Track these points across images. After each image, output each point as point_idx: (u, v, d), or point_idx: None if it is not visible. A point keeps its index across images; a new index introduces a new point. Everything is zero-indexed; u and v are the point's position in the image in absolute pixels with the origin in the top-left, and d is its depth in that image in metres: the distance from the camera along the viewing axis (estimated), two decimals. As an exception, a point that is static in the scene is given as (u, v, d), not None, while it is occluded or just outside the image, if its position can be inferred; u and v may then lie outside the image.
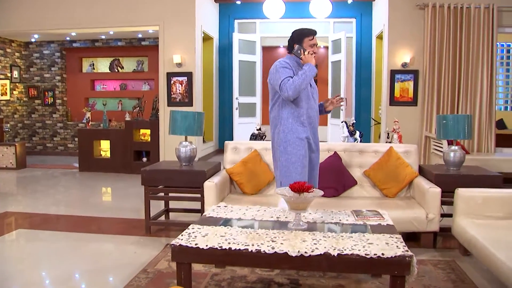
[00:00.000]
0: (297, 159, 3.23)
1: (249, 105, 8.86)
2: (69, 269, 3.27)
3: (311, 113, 3.30)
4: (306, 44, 3.26)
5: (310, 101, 3.29)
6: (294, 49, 3.29)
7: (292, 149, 3.24)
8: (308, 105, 3.28)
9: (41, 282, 3.11)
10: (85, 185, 6.68)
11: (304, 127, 3.26)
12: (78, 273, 3.23)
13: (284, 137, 3.27)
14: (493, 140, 6.44)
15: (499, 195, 3.39)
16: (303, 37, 3.28)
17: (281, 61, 3.30)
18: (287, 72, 3.20)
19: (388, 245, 2.32)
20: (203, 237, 2.48)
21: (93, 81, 10.14)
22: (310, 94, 3.30)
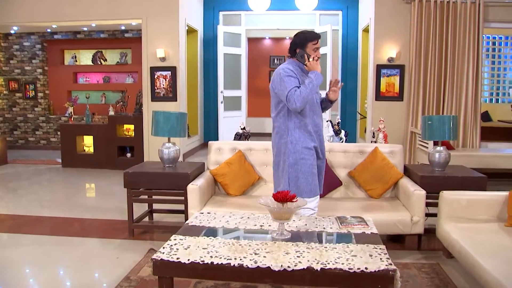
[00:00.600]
0: (307, 169, 3.12)
1: (234, 99, 8.76)
2: (50, 279, 3.19)
3: (317, 121, 3.19)
4: (309, 49, 3.10)
5: (315, 108, 3.18)
6: (296, 54, 3.13)
7: (301, 159, 3.12)
8: (314, 113, 3.16)
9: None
10: (68, 182, 6.56)
11: (311, 136, 3.14)
12: (59, 284, 3.15)
13: (292, 148, 3.12)
14: (478, 135, 6.48)
15: (483, 198, 3.41)
16: (306, 41, 3.11)
17: (284, 68, 3.11)
18: (292, 81, 3.03)
19: (372, 257, 2.29)
20: (185, 249, 2.42)
21: (76, 73, 9.93)
22: (315, 101, 3.17)
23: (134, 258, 3.51)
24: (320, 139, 3.22)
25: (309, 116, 3.13)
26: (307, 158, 3.12)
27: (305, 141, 3.13)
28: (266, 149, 4.31)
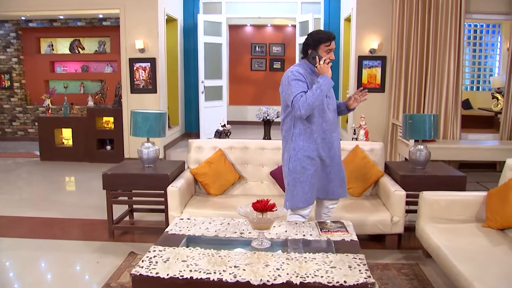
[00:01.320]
0: (305, 178, 3.01)
1: (215, 88, 8.65)
2: (26, 286, 3.14)
3: (326, 127, 3.02)
4: (321, 51, 2.93)
5: (325, 114, 3.00)
6: (308, 55, 2.99)
7: (301, 168, 3.01)
8: (323, 119, 3.00)
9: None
10: (47, 177, 6.43)
11: (316, 144, 3.01)
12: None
13: (294, 155, 3.03)
14: (459, 127, 6.54)
15: (462, 199, 3.44)
16: (319, 43, 2.93)
17: (293, 71, 2.96)
18: (299, 85, 2.89)
19: (351, 269, 2.30)
20: (164, 262, 2.39)
21: (53, 62, 9.67)
22: (326, 106, 3.00)
23: (114, 262, 3.47)
24: (329, 146, 3.04)
25: (316, 123, 2.98)
26: (307, 168, 3.01)
27: (308, 149, 3.01)
28: (246, 147, 4.27)
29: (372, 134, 6.52)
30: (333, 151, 3.08)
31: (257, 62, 11.24)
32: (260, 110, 4.53)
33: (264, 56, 11.22)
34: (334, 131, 3.07)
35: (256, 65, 11.25)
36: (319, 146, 3.02)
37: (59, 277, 3.27)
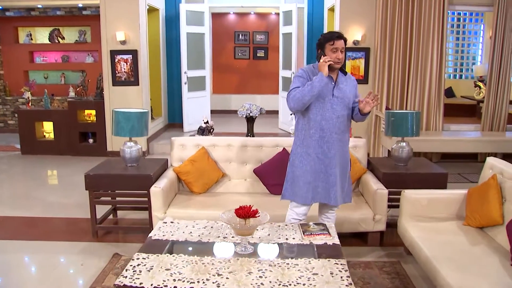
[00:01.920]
0: (302, 173, 3.06)
1: (199, 79, 8.58)
2: (8, 292, 3.12)
3: (325, 126, 3.00)
4: (328, 50, 2.92)
5: (325, 113, 2.99)
6: (317, 55, 3.01)
7: (299, 162, 3.07)
8: (322, 117, 2.99)
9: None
10: (28, 173, 6.33)
11: (313, 141, 3.02)
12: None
13: (294, 149, 3.12)
14: (441, 118, 6.60)
15: (443, 197, 3.50)
16: (324, 42, 2.93)
17: (300, 69, 3.09)
18: (298, 81, 2.98)
19: (332, 276, 2.33)
20: (148, 271, 2.39)
21: (32, 52, 9.44)
22: (329, 105, 2.98)
23: (98, 264, 3.45)
24: (328, 146, 3.02)
25: (313, 120, 3.01)
26: (304, 163, 3.06)
27: (307, 145, 3.05)
28: (229, 144, 4.26)
29: (355, 126, 6.56)
30: (333, 152, 3.03)
31: (240, 51, 11.14)
32: (243, 106, 4.49)
33: (247, 45, 11.13)
34: (336, 132, 3.02)
35: (240, 53, 11.15)
36: (316, 144, 3.03)
37: (43, 282, 3.23)
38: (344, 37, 2.97)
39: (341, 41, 2.93)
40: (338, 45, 2.91)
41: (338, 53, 2.91)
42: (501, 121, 6.61)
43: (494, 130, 6.61)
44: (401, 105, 6.61)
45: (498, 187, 3.14)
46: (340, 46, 2.92)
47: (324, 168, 3.05)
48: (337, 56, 2.91)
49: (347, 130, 3.12)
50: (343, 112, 3.02)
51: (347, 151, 3.15)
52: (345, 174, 3.14)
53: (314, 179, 3.07)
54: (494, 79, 6.55)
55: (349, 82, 3.08)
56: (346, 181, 3.15)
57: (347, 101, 3.03)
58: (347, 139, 3.14)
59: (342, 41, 2.93)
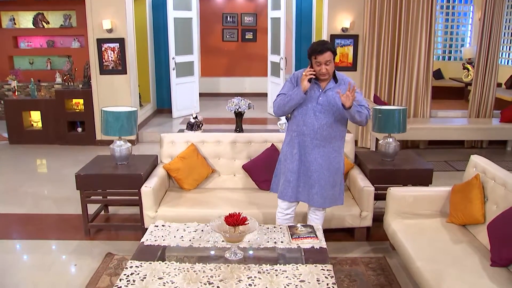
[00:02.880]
0: (285, 171, 3.23)
1: (187, 64, 8.52)
2: (3, 296, 3.17)
3: (306, 131, 3.10)
4: (313, 62, 2.99)
5: (307, 119, 3.09)
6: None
7: (284, 161, 3.26)
8: (304, 122, 3.10)
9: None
10: (17, 165, 6.30)
11: (296, 143, 3.17)
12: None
13: (283, 147, 3.32)
14: (429, 105, 6.68)
15: (428, 194, 3.60)
16: (310, 54, 3.00)
17: (294, 72, 3.23)
18: (287, 87, 3.15)
19: (319, 283, 2.41)
20: (141, 281, 2.45)
21: (16, 37, 9.26)
22: (311, 112, 3.06)
23: (92, 264, 3.51)
24: (308, 152, 3.12)
25: (297, 124, 3.14)
26: (288, 162, 3.22)
27: (291, 146, 3.20)
28: (218, 141, 4.30)
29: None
30: (313, 157, 3.12)
31: (228, 33, 11.03)
32: (231, 102, 4.51)
33: (235, 27, 11.02)
34: (318, 139, 3.08)
35: (228, 35, 11.05)
36: (298, 146, 3.16)
37: (38, 284, 3.28)
38: (331, 49, 2.95)
39: (324, 55, 2.92)
40: (320, 59, 2.94)
41: (321, 66, 2.94)
42: (488, 106, 6.69)
43: (481, 116, 6.71)
44: (389, 92, 6.66)
45: (480, 187, 3.23)
46: (323, 60, 2.93)
47: (305, 169, 3.17)
48: (321, 69, 2.95)
49: (334, 137, 3.13)
50: (328, 119, 3.07)
51: (335, 157, 3.17)
52: (331, 180, 3.17)
53: (295, 179, 3.20)
54: (482, 62, 6.60)
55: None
56: (333, 186, 3.20)
57: (334, 109, 3.05)
58: (334, 146, 3.15)
59: (325, 55, 2.92)
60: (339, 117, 3.10)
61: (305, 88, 2.96)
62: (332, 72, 3.03)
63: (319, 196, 3.18)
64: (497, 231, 2.82)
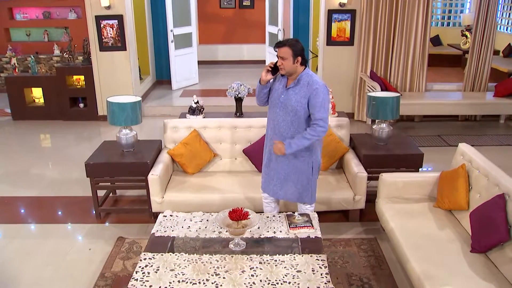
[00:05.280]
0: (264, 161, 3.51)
1: (185, 36, 8.54)
2: (26, 282, 3.43)
3: (272, 125, 3.29)
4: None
5: (273, 114, 3.25)
6: None
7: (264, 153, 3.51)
8: (271, 117, 3.29)
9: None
10: (23, 144, 6.44)
11: (267, 137, 3.40)
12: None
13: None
14: (425, 79, 6.79)
15: (417, 179, 3.83)
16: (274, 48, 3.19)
17: None
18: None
19: (314, 273, 2.69)
20: (155, 273, 2.72)
21: (11, 9, 9.18)
22: (276, 108, 3.22)
23: (105, 248, 3.78)
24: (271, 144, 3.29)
25: (268, 118, 3.37)
26: (264, 154, 3.47)
27: (266, 140, 3.44)
28: (219, 126, 4.48)
29: (341, 87, 6.78)
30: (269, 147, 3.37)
31: (226, 0, 10.91)
32: (231, 87, 4.64)
33: (233, -7, 10.89)
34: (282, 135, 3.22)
35: (225, 2, 10.94)
36: (268, 140, 3.40)
37: (57, 269, 3.52)
38: (289, 46, 3.03)
39: (280, 50, 3.05)
40: (278, 53, 3.09)
41: (279, 60, 3.09)
42: (483, 79, 6.79)
43: (476, 89, 6.84)
44: (385, 67, 6.76)
45: (466, 176, 3.46)
46: (279, 54, 3.07)
47: (269, 162, 3.40)
48: (279, 62, 3.10)
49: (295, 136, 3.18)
50: (287, 117, 3.18)
51: (296, 157, 3.25)
52: (293, 177, 3.32)
53: (265, 172, 3.46)
54: (480, 28, 6.62)
55: (301, 92, 3.12)
56: (295, 183, 3.34)
57: (289, 108, 3.16)
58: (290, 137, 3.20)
59: (281, 50, 3.05)
60: (297, 117, 3.17)
61: (262, 79, 3.17)
62: (288, 69, 3.10)
63: (278, 188, 3.39)
64: (478, 220, 3.08)
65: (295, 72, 3.13)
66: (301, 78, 3.14)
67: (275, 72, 3.18)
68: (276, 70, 3.17)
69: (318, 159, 3.37)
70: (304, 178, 3.34)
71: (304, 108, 3.14)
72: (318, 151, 3.36)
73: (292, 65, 3.09)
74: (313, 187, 3.41)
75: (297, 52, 3.06)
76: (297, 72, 3.14)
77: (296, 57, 3.07)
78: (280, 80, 3.24)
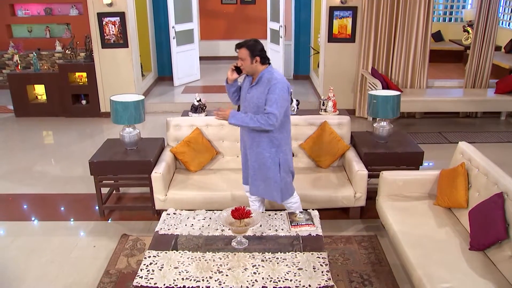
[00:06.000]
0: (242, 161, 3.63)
1: (186, 32, 8.56)
2: (33, 278, 3.49)
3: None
4: None
5: (243, 106, 3.42)
6: None
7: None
8: (243, 111, 3.41)
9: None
10: (25, 140, 6.47)
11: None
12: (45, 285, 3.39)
13: None
14: (426, 76, 6.81)
15: (417, 178, 3.88)
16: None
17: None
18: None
19: (315, 271, 2.74)
20: (159, 270, 2.78)
21: (13, 5, 9.19)
22: (245, 101, 3.38)
23: (109, 245, 3.84)
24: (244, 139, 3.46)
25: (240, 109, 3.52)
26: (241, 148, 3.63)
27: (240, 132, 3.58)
28: (221, 124, 4.51)
29: (342, 84, 6.81)
30: (243, 145, 3.49)
31: (228, -5, 10.92)
32: (233, 85, 4.67)
33: (234, -11, 10.89)
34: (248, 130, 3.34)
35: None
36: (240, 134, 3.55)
37: (63, 266, 3.58)
38: (246, 45, 3.17)
39: (239, 51, 3.20)
40: (238, 54, 3.22)
41: (239, 61, 3.23)
42: (484, 75, 6.80)
43: (477, 86, 6.85)
44: (387, 64, 6.78)
45: (465, 175, 3.50)
46: (239, 55, 3.21)
47: (244, 157, 3.53)
48: (239, 63, 3.25)
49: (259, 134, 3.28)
50: (250, 105, 3.30)
51: (261, 153, 3.32)
52: (260, 173, 3.38)
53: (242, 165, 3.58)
54: (481, 24, 6.63)
55: (261, 89, 3.22)
56: (263, 180, 3.39)
57: (252, 105, 3.28)
58: (259, 143, 3.31)
59: (239, 51, 3.19)
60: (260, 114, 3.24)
61: (228, 77, 3.36)
62: (247, 69, 3.23)
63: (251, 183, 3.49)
64: (477, 218, 3.12)
65: (255, 71, 3.25)
66: (262, 76, 3.24)
67: (240, 71, 3.32)
68: (240, 70, 3.31)
69: (287, 157, 3.41)
70: (271, 175, 3.37)
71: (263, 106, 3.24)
72: (286, 149, 3.40)
73: (251, 65, 3.21)
74: (283, 185, 3.42)
75: (254, 52, 3.18)
76: (257, 71, 3.24)
77: (254, 57, 3.18)
78: (247, 79, 3.39)
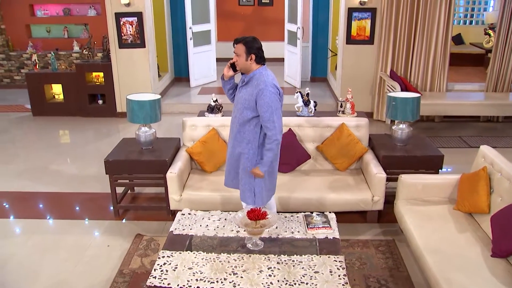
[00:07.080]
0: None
1: (204, 33, 8.56)
2: (47, 277, 3.48)
3: (232, 120, 3.33)
4: None
5: (234, 108, 3.31)
6: None
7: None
8: (232, 111, 3.35)
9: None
10: (42, 139, 6.53)
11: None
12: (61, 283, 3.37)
13: None
14: (446, 79, 6.68)
15: (436, 182, 3.78)
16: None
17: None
18: None
19: (331, 274, 2.68)
20: (173, 271, 2.74)
21: (32, 6, 9.32)
22: (236, 102, 3.29)
23: (123, 245, 3.82)
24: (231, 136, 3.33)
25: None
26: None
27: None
28: (239, 125, 4.47)
29: (360, 86, 6.73)
30: (230, 143, 3.37)
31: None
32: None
33: (252, -9, 10.87)
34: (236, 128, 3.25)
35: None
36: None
37: (77, 265, 3.58)
38: (244, 41, 3.09)
39: (236, 46, 3.12)
40: (234, 49, 3.14)
41: (234, 56, 3.15)
42: (506, 80, 6.64)
43: (499, 90, 6.69)
44: (406, 66, 6.68)
45: (487, 179, 3.40)
46: (235, 50, 3.13)
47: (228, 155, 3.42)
48: (234, 59, 3.17)
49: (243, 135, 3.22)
50: (237, 113, 3.23)
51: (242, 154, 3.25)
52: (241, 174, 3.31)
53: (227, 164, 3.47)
54: (504, 28, 6.47)
55: (249, 90, 3.14)
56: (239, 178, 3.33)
57: (239, 106, 3.20)
58: (241, 144, 3.24)
59: (236, 46, 3.11)
60: (246, 115, 3.16)
61: (224, 74, 3.26)
62: (241, 66, 3.14)
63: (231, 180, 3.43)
64: (500, 224, 3.02)
65: (249, 69, 3.16)
66: (253, 76, 3.16)
67: (236, 68, 3.24)
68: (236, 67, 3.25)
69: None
70: (247, 178, 3.28)
71: (251, 107, 3.12)
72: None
73: (245, 62, 3.12)
74: (257, 189, 3.28)
75: (251, 50, 3.10)
76: (251, 69, 3.16)
77: (250, 54, 3.10)
78: (242, 78, 3.30)
